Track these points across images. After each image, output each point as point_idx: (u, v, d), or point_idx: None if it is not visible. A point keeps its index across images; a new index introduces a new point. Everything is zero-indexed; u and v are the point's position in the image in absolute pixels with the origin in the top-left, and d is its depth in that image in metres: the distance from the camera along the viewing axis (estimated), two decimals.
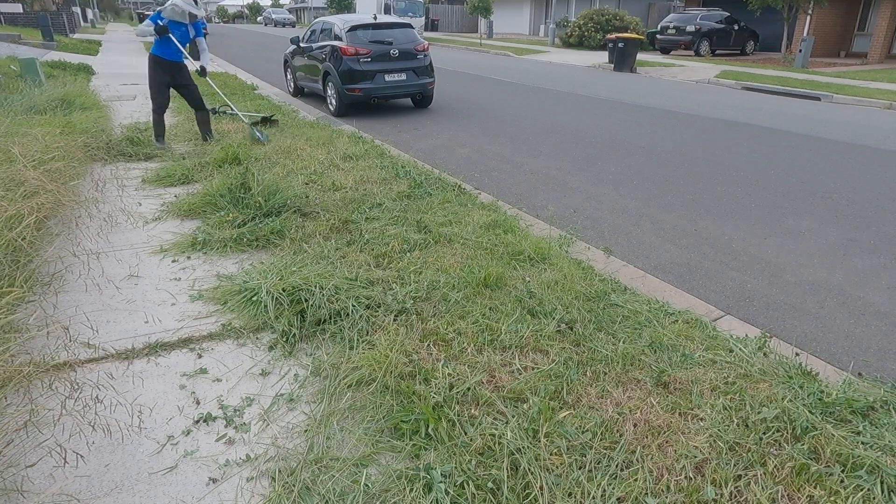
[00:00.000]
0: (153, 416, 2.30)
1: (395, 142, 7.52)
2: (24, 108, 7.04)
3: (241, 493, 1.95)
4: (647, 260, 4.17)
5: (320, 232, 4.00)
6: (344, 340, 2.75)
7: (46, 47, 17.88)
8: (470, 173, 6.18)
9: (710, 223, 4.92)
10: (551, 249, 3.86)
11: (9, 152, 4.40)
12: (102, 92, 9.74)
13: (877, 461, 2.00)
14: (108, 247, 3.86)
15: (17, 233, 3.28)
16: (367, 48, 8.97)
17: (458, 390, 2.37)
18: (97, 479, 1.99)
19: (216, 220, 4.20)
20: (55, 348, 2.64)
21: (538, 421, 2.18)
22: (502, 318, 2.93)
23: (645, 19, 29.97)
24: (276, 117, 7.97)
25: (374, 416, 2.27)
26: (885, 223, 4.95)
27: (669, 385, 2.46)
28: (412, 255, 3.67)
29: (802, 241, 4.56)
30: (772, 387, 2.45)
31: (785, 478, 1.98)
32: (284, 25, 53.06)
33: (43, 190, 3.97)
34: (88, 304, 3.11)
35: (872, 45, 20.02)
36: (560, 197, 5.54)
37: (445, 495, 1.86)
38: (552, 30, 27.88)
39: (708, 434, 2.16)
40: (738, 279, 3.90)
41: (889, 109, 11.26)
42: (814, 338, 3.22)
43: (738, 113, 10.32)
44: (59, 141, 5.29)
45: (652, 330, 2.91)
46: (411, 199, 4.82)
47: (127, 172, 5.58)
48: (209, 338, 2.84)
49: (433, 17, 40.21)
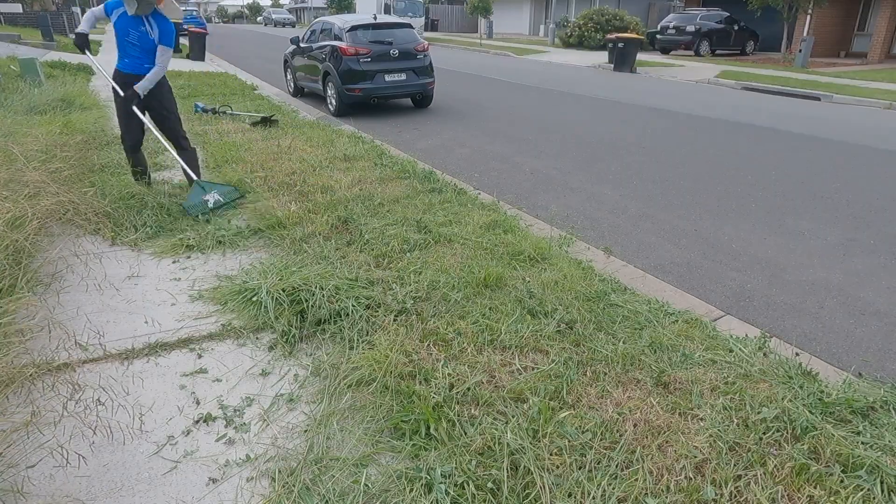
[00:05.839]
0: (153, 416, 2.30)
1: (395, 142, 7.52)
2: (24, 108, 7.04)
3: (241, 493, 1.95)
4: (647, 260, 4.17)
5: (320, 232, 4.00)
6: (344, 340, 2.75)
7: (46, 47, 17.88)
8: (470, 173, 6.18)
9: (710, 223, 4.92)
10: (551, 249, 3.86)
11: (10, 153, 4.41)
12: (102, 92, 9.74)
13: (877, 461, 2.00)
14: (109, 247, 3.86)
15: (22, 234, 3.28)
16: (367, 48, 8.97)
17: (458, 390, 2.37)
18: (97, 479, 1.99)
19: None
20: (56, 349, 2.64)
21: (538, 421, 2.18)
22: (502, 318, 2.93)
23: (645, 19, 29.95)
24: (276, 117, 7.97)
25: (374, 416, 2.27)
26: (885, 223, 4.95)
27: (669, 385, 2.46)
28: (412, 255, 3.67)
29: (802, 241, 4.56)
30: (772, 387, 2.45)
31: (785, 478, 1.98)
32: (284, 25, 53.08)
33: (44, 191, 3.97)
34: (89, 304, 3.11)
35: (872, 45, 20.02)
36: (560, 197, 5.53)
37: (445, 495, 1.86)
38: (552, 30, 27.89)
39: (708, 434, 2.16)
40: (738, 279, 3.90)
41: (889, 109, 11.26)
42: (814, 338, 3.22)
43: (739, 113, 10.32)
44: (58, 140, 5.26)
45: (652, 330, 2.91)
46: (411, 198, 4.82)
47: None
48: (209, 338, 2.84)
49: (433, 17, 40.21)
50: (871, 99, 11.73)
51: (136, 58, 4.29)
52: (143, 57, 4.29)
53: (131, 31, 4.20)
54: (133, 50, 4.28)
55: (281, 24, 53.51)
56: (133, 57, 4.29)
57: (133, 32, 4.21)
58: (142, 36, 4.22)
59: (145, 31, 4.22)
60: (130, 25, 4.18)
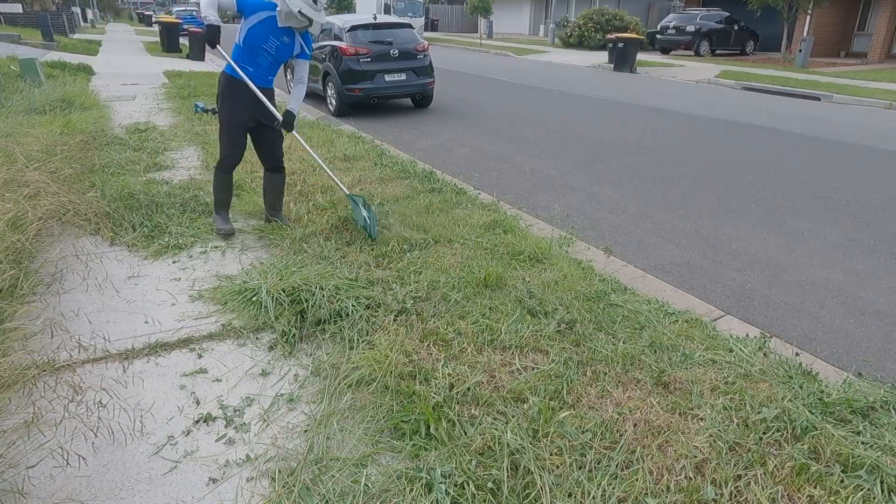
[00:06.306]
0: (153, 416, 2.30)
1: (395, 142, 7.52)
2: (24, 109, 7.04)
3: (241, 493, 1.95)
4: (647, 260, 4.17)
5: (320, 232, 4.00)
6: (344, 340, 2.75)
7: (46, 47, 17.87)
8: (470, 173, 6.18)
9: (710, 223, 4.92)
10: (551, 249, 3.86)
11: (10, 153, 4.41)
12: (102, 92, 9.74)
13: (877, 461, 2.00)
14: (109, 247, 3.86)
15: (23, 235, 3.28)
16: (367, 48, 8.97)
17: (458, 390, 2.37)
18: (97, 479, 1.99)
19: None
20: (57, 349, 2.64)
21: (538, 421, 2.18)
22: (502, 318, 2.93)
23: (645, 19, 29.95)
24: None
25: (374, 416, 2.27)
26: (885, 223, 4.95)
27: (669, 385, 2.47)
28: (412, 255, 3.67)
29: (802, 241, 4.56)
30: (772, 387, 2.45)
31: (785, 478, 1.98)
32: None
33: (44, 191, 3.97)
34: (89, 304, 3.11)
35: (872, 44, 20.02)
36: (560, 197, 5.53)
37: (445, 495, 1.86)
38: (552, 30, 27.88)
39: (708, 434, 2.16)
40: (738, 279, 3.90)
41: (889, 109, 11.26)
42: (814, 338, 3.22)
43: (738, 113, 10.32)
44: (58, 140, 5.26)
45: (652, 330, 2.91)
46: (411, 198, 4.82)
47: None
48: (209, 338, 2.84)
49: (433, 17, 40.21)
50: (871, 99, 11.73)
51: (263, 68, 3.74)
52: (271, 69, 3.79)
53: (272, 38, 3.63)
54: (264, 59, 3.70)
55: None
56: (260, 66, 3.72)
57: (273, 41, 3.64)
58: (282, 47, 3.69)
59: (287, 43, 3.70)
60: (274, 33, 3.62)
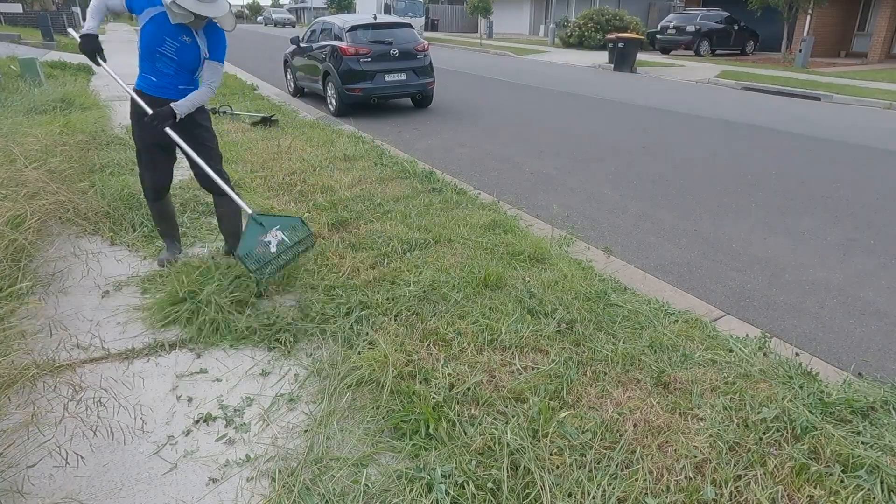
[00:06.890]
0: (153, 416, 2.30)
1: (395, 142, 7.52)
2: (24, 108, 7.04)
3: (241, 493, 1.95)
4: (647, 260, 4.17)
5: (320, 232, 4.00)
6: (344, 340, 2.75)
7: (46, 47, 17.90)
8: (470, 173, 6.18)
9: (710, 223, 4.92)
10: (551, 249, 3.86)
11: (10, 153, 4.40)
12: (102, 92, 9.73)
13: (877, 461, 2.00)
14: (108, 247, 3.86)
15: (21, 234, 3.28)
16: (367, 48, 8.97)
17: (458, 390, 2.37)
18: (97, 479, 1.99)
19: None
20: (56, 349, 2.64)
21: (538, 421, 2.18)
22: (502, 318, 2.93)
23: (645, 19, 29.95)
24: (276, 117, 7.97)
25: (374, 416, 2.27)
26: (885, 223, 4.95)
27: (669, 385, 2.46)
28: (412, 255, 3.67)
29: (802, 241, 4.56)
30: (772, 387, 2.45)
31: (785, 478, 1.98)
32: (284, 25, 53.08)
33: (44, 191, 3.97)
34: (89, 304, 3.11)
35: (872, 45, 20.01)
36: (560, 197, 5.53)
37: (445, 495, 1.86)
38: (552, 30, 27.88)
39: (708, 434, 2.16)
40: (738, 279, 3.90)
41: (889, 109, 11.26)
42: (814, 338, 3.22)
43: (739, 113, 10.32)
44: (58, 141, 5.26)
45: (652, 330, 2.91)
46: (411, 198, 4.82)
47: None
48: (209, 337, 2.83)
49: (433, 17, 40.22)
50: (871, 99, 11.73)
51: (167, 76, 3.15)
52: (178, 76, 3.17)
53: (168, 39, 3.06)
54: (166, 65, 3.12)
55: (281, 24, 53.53)
56: (164, 75, 3.14)
57: (170, 42, 3.06)
58: (182, 48, 3.09)
59: (188, 43, 3.09)
60: (168, 33, 3.05)
